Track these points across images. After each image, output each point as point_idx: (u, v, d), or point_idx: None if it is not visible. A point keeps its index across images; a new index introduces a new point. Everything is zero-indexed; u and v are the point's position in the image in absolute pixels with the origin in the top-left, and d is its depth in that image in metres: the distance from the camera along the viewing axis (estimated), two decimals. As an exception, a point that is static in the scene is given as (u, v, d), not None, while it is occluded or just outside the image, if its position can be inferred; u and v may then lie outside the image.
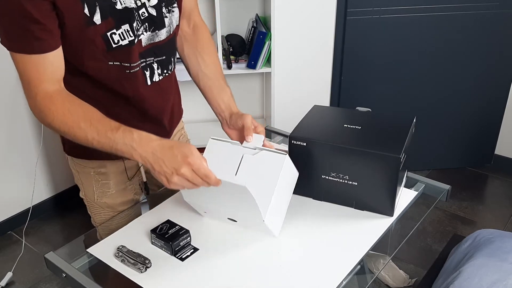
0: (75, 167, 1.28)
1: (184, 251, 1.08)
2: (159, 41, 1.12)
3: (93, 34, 0.99)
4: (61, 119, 0.99)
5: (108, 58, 1.04)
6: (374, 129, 1.21)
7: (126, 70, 1.08)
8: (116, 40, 1.02)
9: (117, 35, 1.02)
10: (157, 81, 1.16)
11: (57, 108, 1.00)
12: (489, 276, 1.34)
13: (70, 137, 1.02)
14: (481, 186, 2.91)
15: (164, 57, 1.15)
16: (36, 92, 0.99)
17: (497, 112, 2.87)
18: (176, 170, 0.95)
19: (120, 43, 1.03)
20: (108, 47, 1.02)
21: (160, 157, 0.96)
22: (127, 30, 1.03)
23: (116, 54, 1.04)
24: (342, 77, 2.73)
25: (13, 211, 2.55)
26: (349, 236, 1.13)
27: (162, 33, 1.12)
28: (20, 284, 2.22)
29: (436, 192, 1.34)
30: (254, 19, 2.58)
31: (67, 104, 1.01)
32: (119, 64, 1.06)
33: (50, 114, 0.99)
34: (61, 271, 1.06)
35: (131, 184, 1.30)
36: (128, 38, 1.04)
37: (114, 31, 1.01)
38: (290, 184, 1.16)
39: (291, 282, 0.99)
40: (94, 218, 1.33)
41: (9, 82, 2.30)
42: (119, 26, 1.02)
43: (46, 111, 0.99)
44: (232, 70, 2.44)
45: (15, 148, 2.44)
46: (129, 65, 1.07)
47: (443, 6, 2.53)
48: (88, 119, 0.99)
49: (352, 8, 2.53)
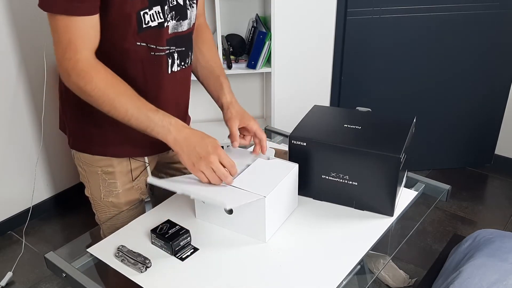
0: (82, 166, 1.27)
1: (184, 251, 1.08)
2: (181, 31, 1.15)
3: (130, 9, 1.02)
4: (103, 89, 1.02)
5: (137, 39, 1.07)
6: (374, 129, 1.21)
7: (151, 52, 1.11)
8: (147, 20, 1.06)
9: (148, 15, 1.05)
10: (175, 72, 1.18)
11: (101, 77, 1.02)
12: (489, 276, 1.34)
13: (105, 109, 1.04)
14: (481, 186, 2.91)
15: (184, 49, 1.19)
16: (78, 58, 1.00)
17: (497, 112, 2.87)
18: (205, 157, 1.04)
19: (149, 24, 1.06)
20: (139, 28, 1.05)
21: (192, 143, 1.05)
22: (158, 11, 1.07)
23: (145, 35, 1.07)
24: (342, 77, 2.73)
25: (13, 211, 2.55)
26: (349, 236, 1.13)
27: (185, 24, 1.15)
28: (20, 284, 2.22)
29: (436, 192, 1.34)
30: (254, 19, 2.58)
31: (109, 76, 1.04)
32: (146, 45, 1.09)
33: (91, 82, 1.01)
34: (61, 271, 1.06)
35: (138, 184, 1.31)
36: (157, 20, 1.07)
37: (147, 10, 1.05)
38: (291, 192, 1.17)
39: (291, 282, 0.99)
40: (99, 216, 1.33)
41: (9, 82, 2.30)
42: (152, 6, 1.05)
43: (88, 78, 1.01)
44: (232, 70, 2.44)
45: (15, 148, 2.44)
46: (155, 47, 1.10)
47: (443, 6, 2.53)
48: (129, 95, 1.04)
49: (352, 8, 2.53)
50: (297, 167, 1.17)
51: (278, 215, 1.14)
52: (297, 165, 1.17)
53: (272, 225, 1.12)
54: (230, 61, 2.45)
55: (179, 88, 1.24)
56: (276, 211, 1.12)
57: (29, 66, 2.35)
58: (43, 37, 2.31)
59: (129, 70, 1.11)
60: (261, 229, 1.10)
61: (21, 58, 2.31)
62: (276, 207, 1.11)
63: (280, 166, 1.19)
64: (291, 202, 1.19)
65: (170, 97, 1.21)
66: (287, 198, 1.16)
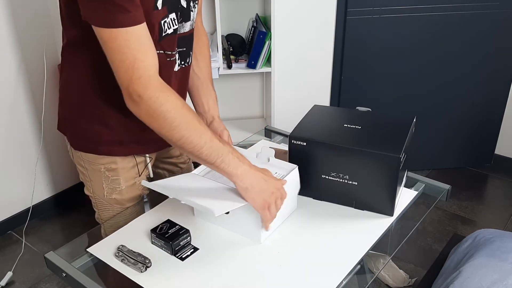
0: (84, 164, 1.26)
1: (184, 251, 1.08)
2: (184, 32, 1.16)
3: (155, 19, 1.02)
4: (180, 112, 0.97)
5: (157, 48, 1.05)
6: (374, 129, 1.21)
7: (167, 58, 1.12)
8: (165, 28, 1.06)
9: (167, 23, 1.06)
10: (176, 71, 1.19)
11: (175, 99, 0.98)
12: (489, 276, 1.34)
13: (176, 135, 0.98)
14: (481, 186, 2.91)
15: (185, 49, 1.19)
16: (149, 75, 0.95)
17: (497, 111, 2.87)
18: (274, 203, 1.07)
19: (167, 32, 1.07)
20: (160, 37, 1.06)
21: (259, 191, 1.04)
22: (174, 18, 1.08)
23: (163, 43, 1.08)
24: (342, 77, 2.73)
25: (13, 211, 2.55)
26: (349, 236, 1.13)
27: (187, 25, 1.16)
28: (20, 284, 2.22)
29: (436, 192, 1.34)
30: (254, 19, 2.58)
31: (179, 99, 0.99)
32: (163, 53, 1.10)
33: (167, 104, 0.96)
34: (61, 271, 1.06)
35: (140, 179, 1.31)
36: (173, 27, 1.08)
37: (166, 19, 1.05)
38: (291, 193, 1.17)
39: (291, 282, 1.00)
40: (101, 214, 1.33)
41: (9, 82, 2.30)
42: (168, 14, 1.06)
43: (163, 97, 0.95)
44: (232, 70, 2.44)
45: (15, 148, 2.44)
46: (170, 53, 1.12)
47: (443, 6, 2.53)
48: (200, 121, 1.02)
49: (352, 8, 2.53)
50: (297, 168, 1.17)
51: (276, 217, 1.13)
52: (297, 167, 1.17)
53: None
54: (230, 61, 2.45)
55: (179, 88, 1.24)
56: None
57: (29, 66, 2.34)
58: (43, 37, 2.31)
59: None
60: (257, 231, 1.10)
61: (21, 58, 2.31)
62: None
63: (280, 167, 1.19)
64: (290, 203, 1.19)
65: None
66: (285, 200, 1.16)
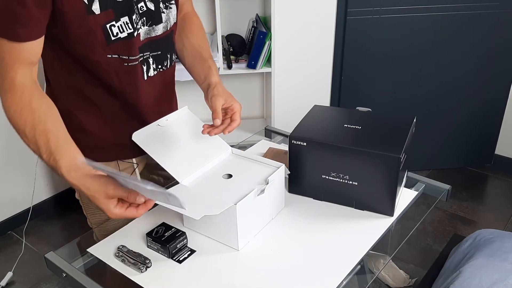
0: None
1: (181, 254, 1.07)
2: (155, 35, 1.13)
3: (93, 24, 1.00)
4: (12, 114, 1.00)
5: (107, 51, 1.05)
6: (374, 129, 1.21)
7: (125, 63, 1.09)
8: (115, 32, 1.04)
9: (116, 27, 1.03)
10: (152, 76, 1.17)
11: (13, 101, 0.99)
12: (489, 276, 1.34)
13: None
14: (481, 186, 2.91)
15: (160, 52, 1.16)
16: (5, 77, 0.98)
17: (497, 112, 2.87)
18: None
19: (118, 36, 1.04)
20: (107, 40, 1.03)
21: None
22: (126, 22, 1.04)
23: (115, 46, 1.05)
24: (342, 77, 2.73)
25: (13, 211, 2.55)
26: (349, 236, 1.13)
27: (159, 28, 1.13)
28: (20, 284, 2.22)
29: (436, 192, 1.34)
30: (254, 19, 2.58)
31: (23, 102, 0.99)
32: (118, 57, 1.07)
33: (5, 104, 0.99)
34: (61, 271, 1.05)
35: None
36: (127, 31, 1.05)
37: (114, 23, 1.03)
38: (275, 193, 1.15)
39: (291, 282, 0.99)
40: (90, 219, 1.32)
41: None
42: (119, 18, 1.03)
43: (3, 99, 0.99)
44: (232, 70, 2.44)
45: (15, 148, 2.44)
46: (127, 58, 1.09)
47: (443, 6, 2.53)
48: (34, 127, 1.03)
49: (352, 8, 2.53)
50: (283, 167, 1.15)
51: (257, 220, 1.10)
52: (283, 165, 1.15)
53: (248, 231, 1.08)
54: (230, 61, 2.45)
55: (159, 93, 1.22)
56: (253, 216, 1.08)
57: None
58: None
59: (105, 79, 1.10)
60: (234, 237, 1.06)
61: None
62: (254, 212, 1.08)
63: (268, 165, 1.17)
64: (277, 202, 1.16)
65: (150, 103, 1.20)
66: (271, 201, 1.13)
